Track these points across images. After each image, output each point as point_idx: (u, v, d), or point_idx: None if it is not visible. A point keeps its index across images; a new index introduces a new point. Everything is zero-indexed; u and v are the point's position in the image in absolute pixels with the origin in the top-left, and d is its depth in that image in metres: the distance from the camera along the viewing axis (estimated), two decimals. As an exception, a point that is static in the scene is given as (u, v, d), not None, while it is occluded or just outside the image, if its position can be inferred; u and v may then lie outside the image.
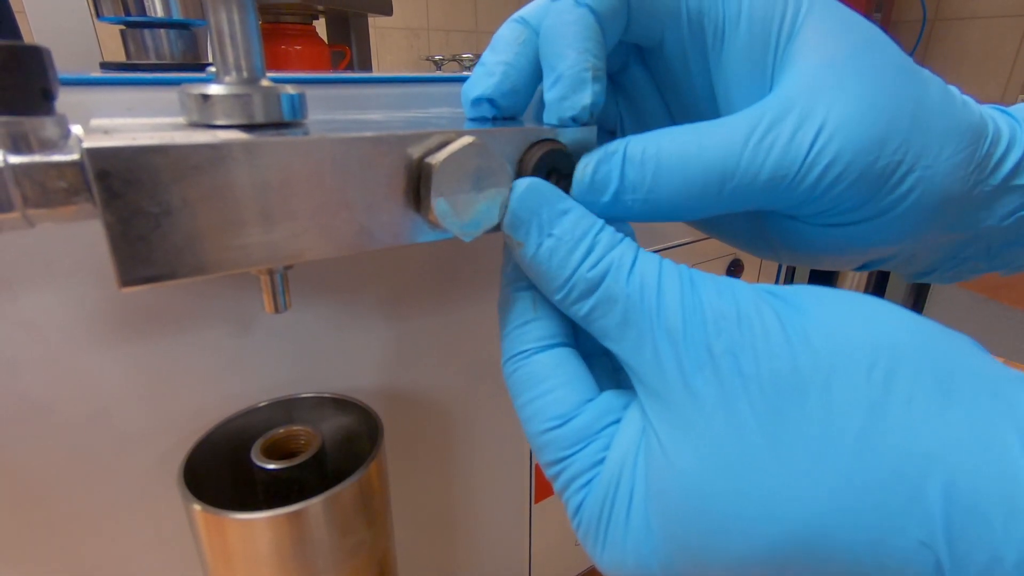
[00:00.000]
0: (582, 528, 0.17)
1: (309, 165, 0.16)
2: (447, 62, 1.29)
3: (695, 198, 0.17)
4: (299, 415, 0.27)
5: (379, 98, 0.28)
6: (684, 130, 0.18)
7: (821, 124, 0.17)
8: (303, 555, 0.22)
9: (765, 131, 0.17)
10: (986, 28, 1.43)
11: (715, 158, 0.17)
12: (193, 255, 0.15)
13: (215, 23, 0.16)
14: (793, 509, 0.13)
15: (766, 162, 0.17)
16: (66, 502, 0.25)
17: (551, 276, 0.17)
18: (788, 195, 0.17)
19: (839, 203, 0.18)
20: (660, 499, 0.15)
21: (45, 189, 0.14)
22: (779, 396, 0.14)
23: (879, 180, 0.17)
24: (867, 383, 0.14)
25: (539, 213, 0.17)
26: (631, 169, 0.18)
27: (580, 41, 0.18)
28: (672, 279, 0.16)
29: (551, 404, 0.17)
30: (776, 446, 0.14)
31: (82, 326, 0.23)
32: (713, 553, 0.14)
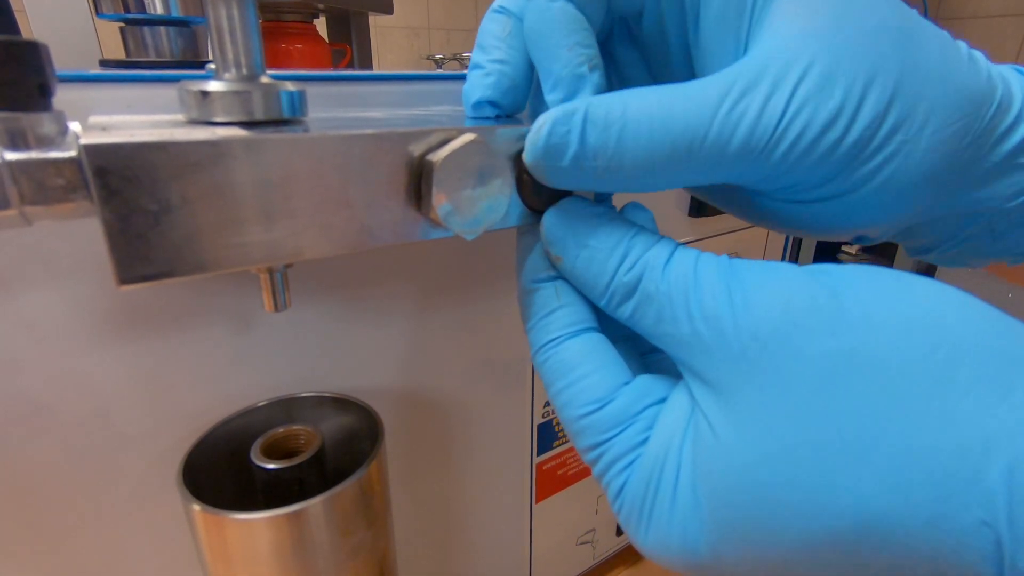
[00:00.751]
0: (624, 509, 0.17)
1: (309, 162, 0.16)
2: (448, 61, 1.29)
3: (660, 167, 0.16)
4: (299, 415, 0.27)
5: (380, 96, 0.28)
6: (650, 92, 0.16)
7: (792, 92, 0.16)
8: (303, 555, 0.22)
9: (736, 99, 0.16)
10: (987, 28, 1.43)
11: (684, 125, 0.16)
12: (192, 253, 0.15)
13: (214, 19, 0.16)
14: (851, 490, 0.13)
15: (736, 131, 0.16)
16: (65, 501, 0.25)
17: (592, 285, 0.18)
18: (757, 168, 0.17)
19: (807, 178, 0.17)
20: (709, 482, 0.15)
21: (43, 186, 0.14)
22: (835, 376, 0.14)
23: (850, 154, 0.16)
24: (930, 363, 0.13)
25: (573, 227, 0.18)
26: (593, 132, 0.16)
27: (568, 35, 0.17)
28: (709, 268, 0.16)
29: (587, 389, 0.17)
30: (832, 427, 0.13)
31: (81, 325, 0.23)
32: (765, 538, 0.14)
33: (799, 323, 0.14)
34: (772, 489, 0.14)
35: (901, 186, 0.17)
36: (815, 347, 0.14)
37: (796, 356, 0.14)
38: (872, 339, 0.14)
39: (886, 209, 0.18)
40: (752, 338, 0.14)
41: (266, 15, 0.76)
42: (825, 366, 0.14)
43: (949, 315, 0.14)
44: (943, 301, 0.14)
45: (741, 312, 0.15)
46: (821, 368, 0.14)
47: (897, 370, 0.13)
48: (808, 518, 0.14)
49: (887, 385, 0.13)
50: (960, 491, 0.12)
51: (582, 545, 0.47)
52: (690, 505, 0.15)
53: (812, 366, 0.14)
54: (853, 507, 0.13)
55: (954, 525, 0.12)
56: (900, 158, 0.17)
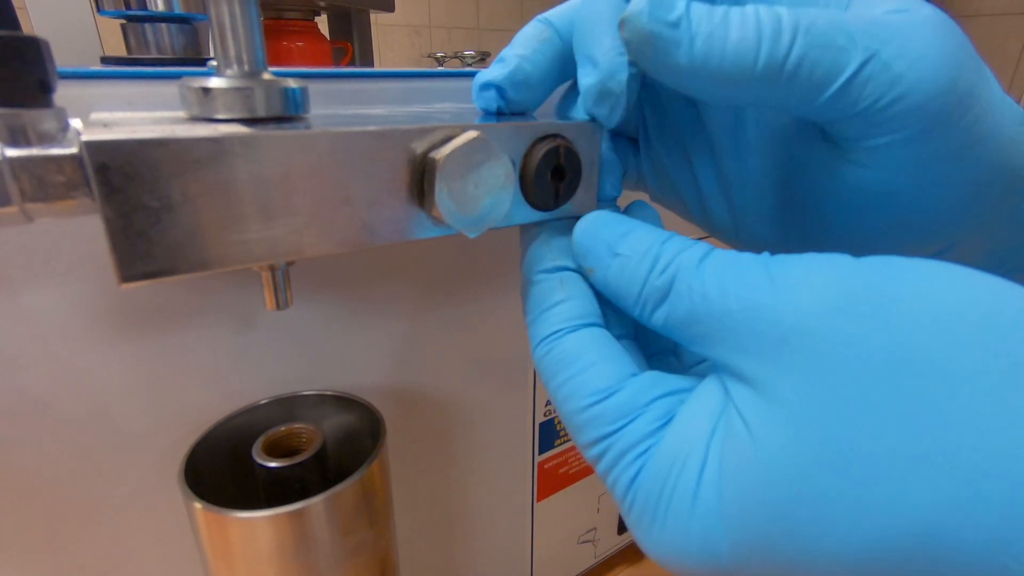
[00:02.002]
0: (637, 505, 0.15)
1: (311, 159, 0.15)
2: (449, 59, 1.29)
3: (762, 47, 0.15)
4: (300, 413, 0.27)
5: (381, 93, 0.28)
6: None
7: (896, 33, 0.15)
8: (304, 554, 0.22)
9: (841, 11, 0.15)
10: (990, 26, 1.43)
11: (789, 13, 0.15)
12: (194, 251, 0.15)
13: (216, 15, 0.16)
14: (906, 504, 0.12)
15: (843, 29, 0.15)
16: (66, 500, 0.25)
17: (625, 294, 0.17)
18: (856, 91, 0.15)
19: (904, 125, 0.15)
20: (740, 484, 0.14)
21: (43, 183, 0.14)
22: (892, 373, 0.12)
23: (947, 113, 0.15)
24: (1003, 364, 0.12)
25: (602, 238, 0.17)
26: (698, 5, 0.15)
27: (615, 27, 0.17)
28: (748, 259, 0.15)
29: (591, 380, 0.16)
30: (888, 431, 0.12)
31: (82, 323, 0.23)
32: (799, 550, 0.13)
33: (851, 312, 0.13)
34: (813, 497, 0.13)
35: (991, 169, 0.16)
36: (870, 340, 0.12)
37: (847, 349, 0.13)
38: (936, 335, 0.12)
39: (970, 202, 0.17)
40: (795, 328, 0.13)
41: (267, 13, 0.76)
42: (880, 362, 0.12)
43: (1019, 311, 0.12)
44: (1011, 296, 0.13)
45: (784, 299, 0.13)
46: (875, 364, 0.12)
47: (965, 371, 0.12)
48: (852, 532, 0.12)
49: (953, 386, 0.12)
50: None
51: (583, 544, 0.47)
52: (714, 506, 0.14)
53: (865, 361, 0.12)
54: (906, 523, 0.12)
55: (1022, 549, 0.11)
56: (992, 139, 0.16)
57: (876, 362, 0.12)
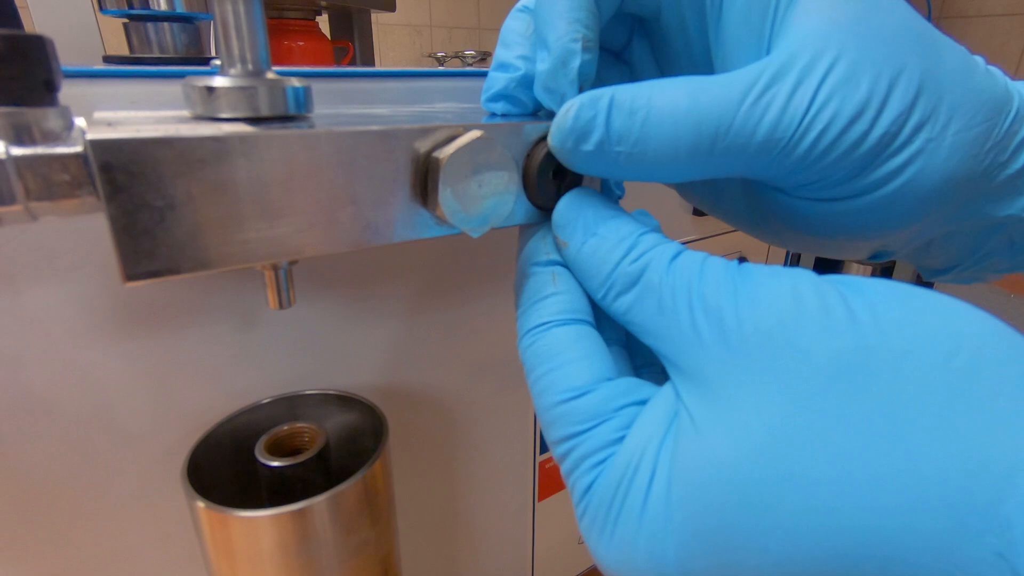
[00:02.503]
0: (588, 514, 0.15)
1: (315, 159, 0.15)
2: (450, 59, 1.29)
3: (684, 156, 0.16)
4: (303, 412, 0.27)
5: (384, 93, 0.28)
6: (677, 82, 0.17)
7: (819, 84, 0.16)
8: (307, 553, 0.22)
9: (763, 89, 0.16)
10: (991, 26, 1.43)
11: (709, 114, 0.16)
12: (198, 250, 0.15)
13: (220, 14, 0.16)
14: (849, 507, 0.12)
15: (762, 122, 0.16)
16: (68, 498, 0.25)
17: (594, 273, 0.17)
18: (781, 161, 0.16)
19: (831, 173, 0.17)
20: (687, 483, 0.14)
21: (48, 182, 0.14)
22: (840, 376, 0.12)
23: (875, 150, 0.16)
24: (946, 370, 0.12)
25: (584, 214, 0.17)
26: (618, 117, 0.16)
27: (570, 11, 0.17)
28: (716, 265, 0.15)
29: (566, 376, 0.16)
30: (833, 432, 0.12)
31: (85, 321, 0.23)
32: (747, 553, 0.13)
33: (806, 319, 0.13)
34: (757, 494, 0.13)
35: (925, 187, 0.17)
36: (821, 344, 0.13)
37: (799, 352, 0.13)
38: (883, 341, 0.13)
39: (908, 212, 0.17)
40: (753, 331, 0.14)
41: (269, 12, 0.76)
42: (830, 366, 0.13)
43: (966, 326, 0.13)
44: (960, 312, 0.13)
45: (745, 304, 0.14)
46: (826, 366, 0.13)
47: (909, 376, 0.12)
48: (797, 536, 0.12)
49: (898, 392, 0.12)
50: (974, 518, 0.11)
51: (584, 544, 0.47)
52: (662, 511, 0.14)
53: (816, 364, 0.13)
54: (851, 527, 0.12)
55: (966, 556, 0.11)
56: (924, 157, 0.16)
57: (825, 368, 0.13)
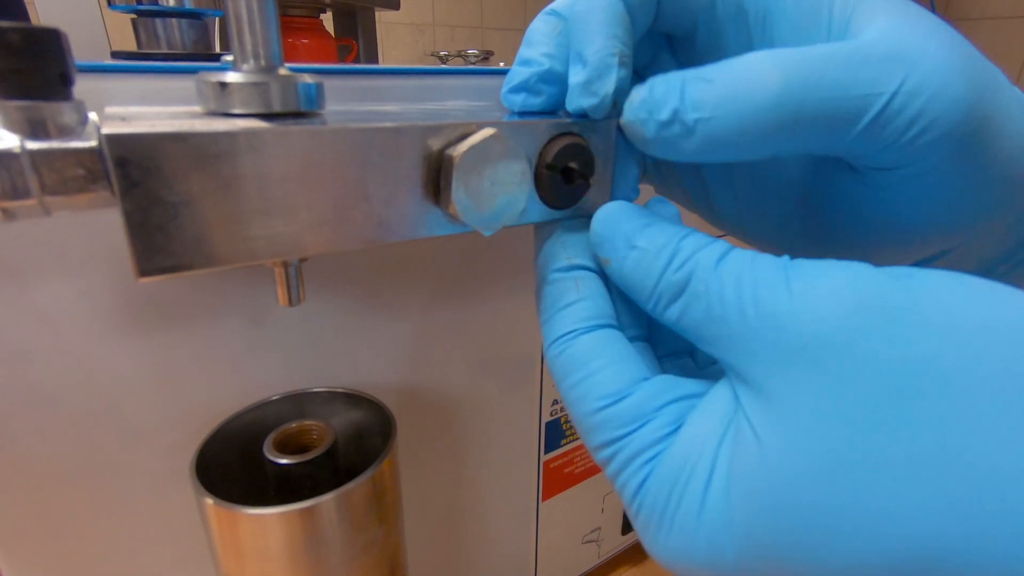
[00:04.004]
0: (644, 509, 0.15)
1: (328, 155, 0.15)
2: (452, 57, 1.29)
3: (767, 122, 0.15)
4: (311, 409, 0.27)
5: (393, 90, 0.28)
6: (758, 53, 0.16)
7: (912, 65, 0.15)
8: (315, 551, 0.22)
9: (852, 53, 0.15)
10: (995, 29, 1.43)
11: (800, 74, 0.15)
12: (210, 246, 0.15)
13: (233, 10, 0.16)
14: (916, 518, 0.11)
15: (854, 86, 0.15)
16: (76, 494, 0.25)
17: (640, 287, 0.17)
18: (868, 135, 0.15)
19: (928, 155, 0.16)
20: (747, 493, 0.13)
21: (63, 176, 0.13)
22: (907, 386, 0.12)
23: (969, 137, 0.15)
24: (1011, 375, 0.11)
25: (621, 228, 0.17)
26: (695, 86, 0.16)
27: (608, 27, 0.17)
28: (767, 264, 0.15)
29: (603, 383, 0.16)
30: (900, 444, 0.12)
31: (94, 317, 0.23)
32: (804, 560, 0.13)
33: (869, 323, 0.13)
34: (821, 509, 0.12)
35: (1006, 180, 0.16)
36: (886, 352, 0.12)
37: (862, 360, 0.12)
38: (954, 349, 0.12)
39: (986, 208, 0.17)
40: (812, 337, 0.13)
41: (273, 9, 0.76)
42: (896, 374, 0.12)
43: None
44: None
45: (801, 307, 0.13)
46: (891, 376, 0.12)
47: (981, 384, 0.12)
48: (860, 545, 0.12)
49: (969, 401, 0.11)
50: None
51: (587, 544, 0.47)
52: (721, 513, 0.14)
53: (880, 373, 0.12)
54: (917, 537, 0.11)
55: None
56: (1008, 151, 0.16)
57: (889, 375, 0.12)
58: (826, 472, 0.12)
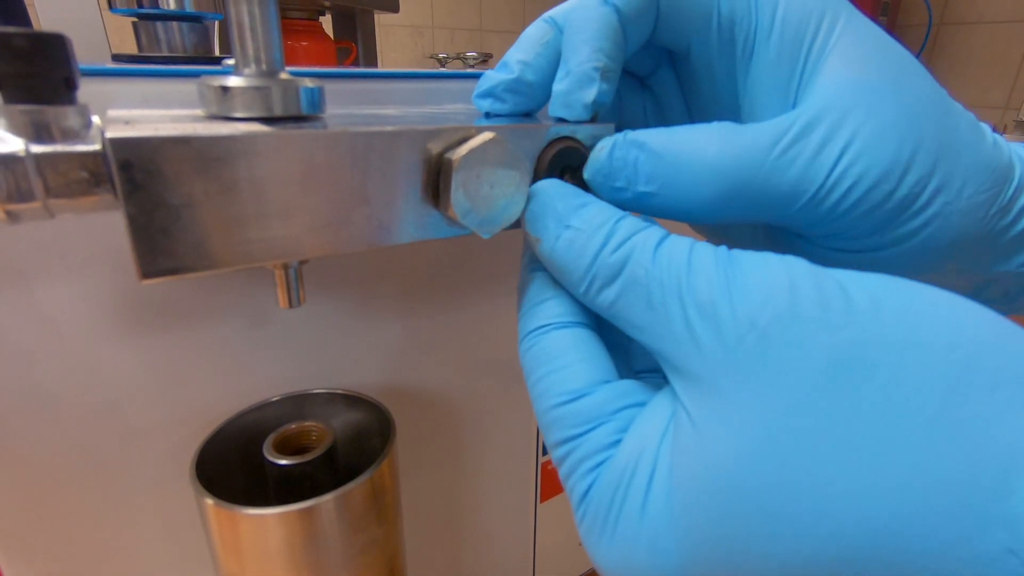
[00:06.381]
0: (587, 518, 0.15)
1: (329, 159, 0.16)
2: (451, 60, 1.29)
3: (709, 200, 0.17)
4: (311, 411, 0.27)
5: (392, 94, 0.28)
6: (708, 129, 0.17)
7: (847, 143, 0.16)
8: (314, 551, 0.22)
9: (791, 143, 0.16)
10: (991, 33, 1.43)
11: (737, 162, 0.17)
12: (212, 248, 0.15)
13: (236, 15, 0.16)
14: (852, 505, 0.12)
15: (788, 174, 0.16)
16: (77, 494, 0.25)
17: (572, 267, 0.16)
18: (806, 213, 0.17)
19: (854, 227, 0.17)
20: (687, 486, 0.13)
21: (67, 179, 0.14)
22: (839, 372, 0.12)
23: (897, 209, 0.17)
24: (946, 362, 0.12)
25: (555, 207, 0.17)
26: (649, 159, 0.17)
27: (596, 39, 0.18)
28: (705, 253, 0.15)
29: (566, 379, 0.16)
30: (833, 429, 0.12)
31: (95, 318, 0.23)
32: (750, 555, 0.13)
33: (803, 312, 0.13)
34: (760, 496, 0.12)
35: (941, 245, 0.17)
36: (820, 338, 0.12)
37: (797, 347, 0.13)
38: (882, 333, 0.12)
39: (922, 265, 0.18)
40: (750, 326, 0.13)
41: (273, 12, 0.76)
42: (829, 359, 0.12)
43: (965, 317, 0.13)
44: (958, 304, 0.13)
45: (739, 298, 0.13)
46: (825, 361, 0.12)
47: (909, 368, 0.12)
48: (800, 536, 0.12)
49: (898, 385, 0.12)
50: (982, 512, 0.11)
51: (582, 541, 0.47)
52: (663, 514, 0.14)
53: (815, 359, 0.12)
54: (856, 524, 0.11)
55: (974, 551, 0.11)
56: (941, 219, 0.17)
57: (823, 365, 0.12)
58: (764, 462, 0.12)
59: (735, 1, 0.18)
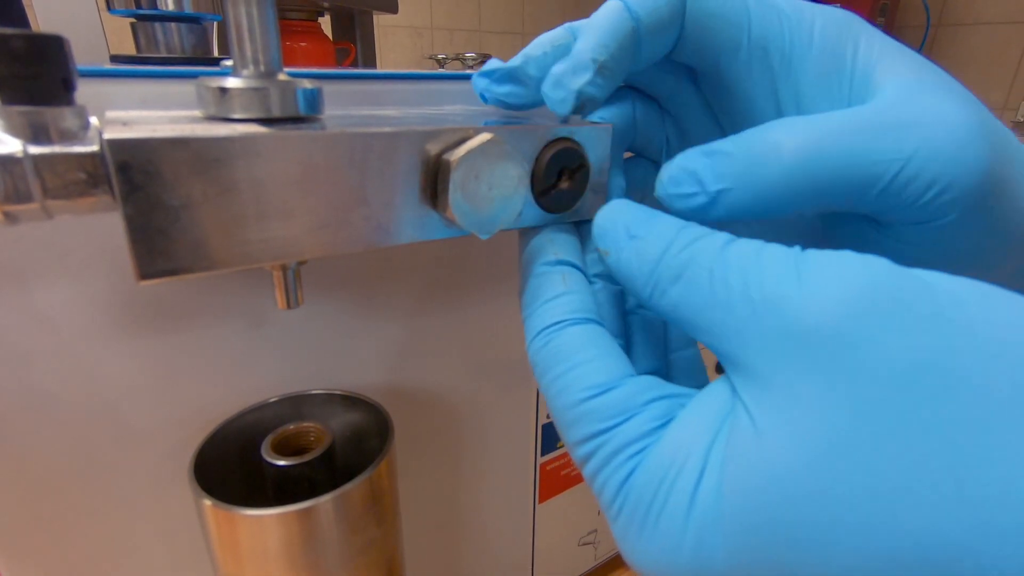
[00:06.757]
0: (627, 508, 0.14)
1: (327, 160, 0.16)
2: (450, 61, 1.29)
3: (788, 185, 0.16)
4: (309, 411, 0.27)
5: (391, 95, 0.28)
6: (775, 122, 0.17)
7: (927, 131, 0.16)
8: (313, 552, 0.22)
9: (878, 122, 0.16)
10: (990, 34, 1.43)
11: (820, 144, 0.16)
12: (210, 249, 0.15)
13: (234, 16, 0.16)
14: (926, 520, 0.11)
15: (873, 152, 0.16)
16: (75, 495, 0.25)
17: (637, 273, 0.16)
18: (887, 195, 0.16)
19: (944, 213, 0.16)
20: (742, 490, 0.13)
21: (65, 180, 0.14)
22: (921, 376, 0.11)
23: (983, 198, 0.16)
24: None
25: (623, 220, 0.17)
26: (719, 160, 0.17)
27: (604, 36, 0.18)
28: (776, 250, 0.14)
29: (589, 374, 0.16)
30: (912, 437, 0.11)
31: (93, 319, 0.23)
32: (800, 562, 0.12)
33: (882, 311, 0.12)
34: (820, 503, 0.12)
35: (1015, 239, 0.17)
36: (900, 342, 0.12)
37: (875, 347, 0.12)
38: (971, 339, 0.11)
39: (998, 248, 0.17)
40: (821, 324, 0.12)
41: (272, 13, 0.76)
42: (911, 363, 0.11)
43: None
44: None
45: (811, 294, 0.13)
46: (906, 364, 0.11)
47: (1001, 379, 0.11)
48: (863, 543, 0.11)
49: (988, 395, 0.11)
50: None
51: (584, 546, 0.47)
52: (712, 512, 0.13)
53: (893, 364, 0.12)
54: (923, 533, 0.11)
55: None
56: (1015, 216, 0.17)
57: (899, 368, 0.12)
58: (829, 462, 0.12)
59: (766, 21, 0.18)
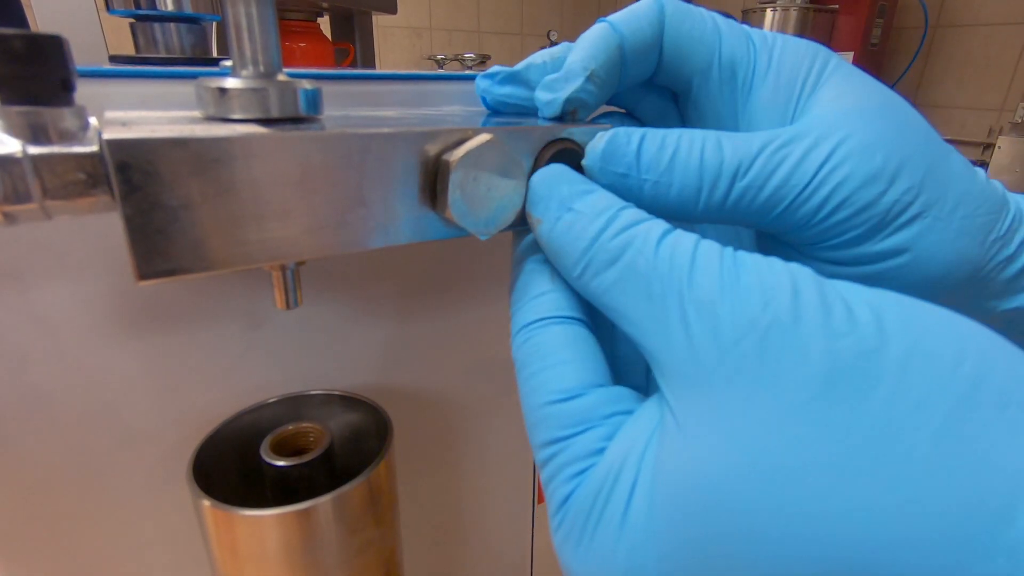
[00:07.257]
0: (564, 525, 0.15)
1: (326, 160, 0.16)
2: (449, 61, 1.29)
3: (703, 191, 0.17)
4: (308, 412, 0.27)
5: (390, 95, 0.28)
6: (706, 131, 0.18)
7: (833, 149, 0.17)
8: (311, 553, 0.22)
9: (780, 145, 0.17)
10: (987, 35, 1.44)
11: (731, 156, 0.17)
12: (209, 249, 0.15)
13: (233, 16, 0.16)
14: (845, 526, 0.11)
15: (776, 171, 0.17)
16: (73, 496, 0.25)
17: (569, 249, 0.16)
18: (792, 213, 0.17)
19: (842, 231, 0.17)
20: (671, 499, 0.13)
21: (64, 180, 0.14)
22: (839, 380, 0.12)
23: (884, 216, 0.17)
24: (952, 377, 0.11)
25: (559, 189, 0.17)
26: (650, 145, 0.17)
27: (592, 49, 0.19)
28: (710, 251, 0.14)
29: (558, 377, 0.16)
30: (830, 440, 0.11)
31: (92, 320, 0.23)
32: (729, 568, 0.12)
33: (804, 318, 0.12)
34: (748, 511, 0.12)
35: (935, 265, 0.18)
36: (821, 344, 0.12)
37: (796, 352, 0.12)
38: (886, 344, 0.12)
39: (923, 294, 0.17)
40: (749, 328, 0.13)
41: (271, 13, 0.76)
42: (830, 367, 0.12)
43: (969, 334, 0.12)
44: (961, 321, 0.13)
45: (741, 299, 0.13)
46: (825, 369, 0.12)
47: (913, 382, 0.11)
48: (786, 552, 0.11)
49: (901, 399, 0.11)
50: (982, 536, 0.10)
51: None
52: (643, 523, 0.13)
53: (814, 365, 0.12)
54: (848, 542, 0.11)
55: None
56: (935, 233, 0.17)
57: (823, 372, 0.12)
58: (754, 463, 0.12)
59: (735, 46, 0.20)
